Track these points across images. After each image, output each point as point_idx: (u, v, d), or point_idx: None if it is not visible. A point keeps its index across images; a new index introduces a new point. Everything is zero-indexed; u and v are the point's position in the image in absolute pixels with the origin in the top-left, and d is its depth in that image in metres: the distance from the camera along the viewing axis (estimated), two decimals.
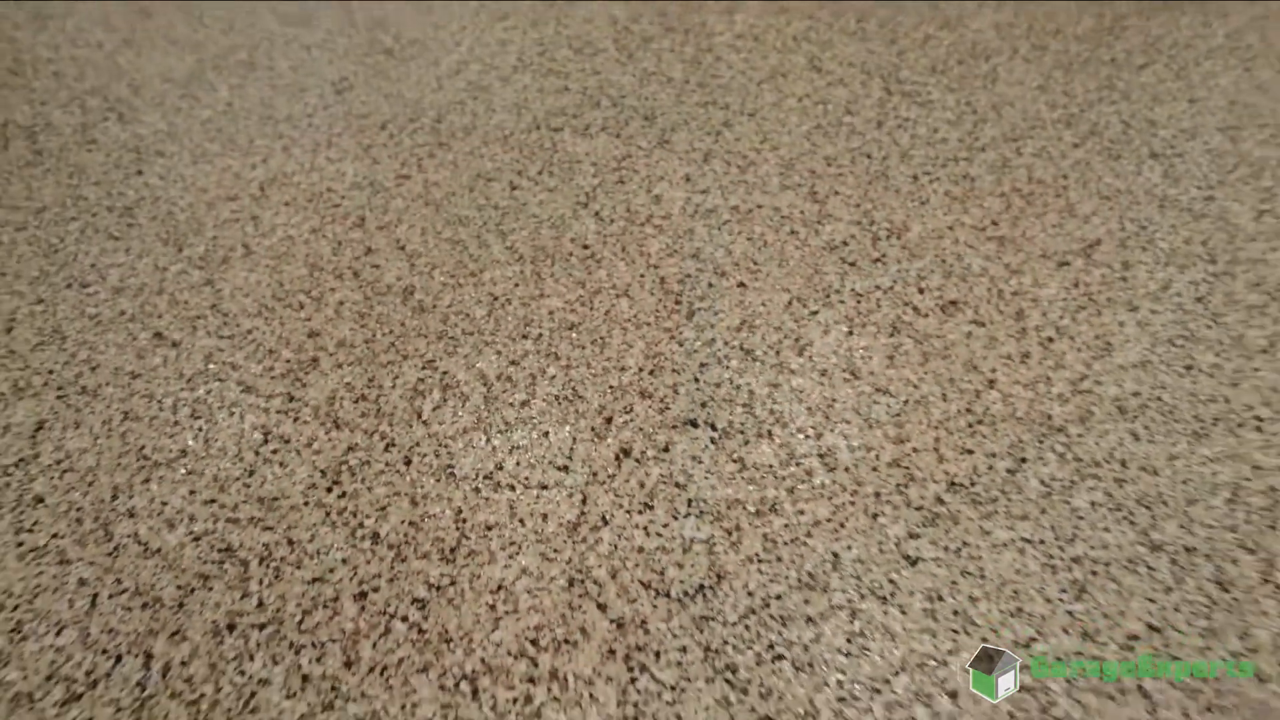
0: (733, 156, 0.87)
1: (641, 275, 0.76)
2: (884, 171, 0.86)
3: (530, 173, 0.85)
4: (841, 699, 0.51)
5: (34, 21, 1.11)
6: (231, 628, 0.54)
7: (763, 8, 1.07)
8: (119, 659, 0.53)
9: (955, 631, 0.54)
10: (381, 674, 0.52)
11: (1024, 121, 0.93)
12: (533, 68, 0.96)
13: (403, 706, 0.50)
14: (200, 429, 0.65)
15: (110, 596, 0.56)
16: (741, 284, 0.75)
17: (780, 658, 0.52)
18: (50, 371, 0.69)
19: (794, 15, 1.05)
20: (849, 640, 0.53)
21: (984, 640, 0.53)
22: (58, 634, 0.54)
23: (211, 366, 0.69)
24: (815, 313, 0.72)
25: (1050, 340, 0.71)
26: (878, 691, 0.51)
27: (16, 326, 0.73)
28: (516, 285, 0.75)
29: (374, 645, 0.53)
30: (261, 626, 0.54)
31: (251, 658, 0.53)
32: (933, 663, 0.52)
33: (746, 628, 0.54)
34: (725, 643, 0.53)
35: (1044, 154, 0.89)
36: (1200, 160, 0.89)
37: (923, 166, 0.87)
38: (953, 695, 0.51)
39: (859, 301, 0.73)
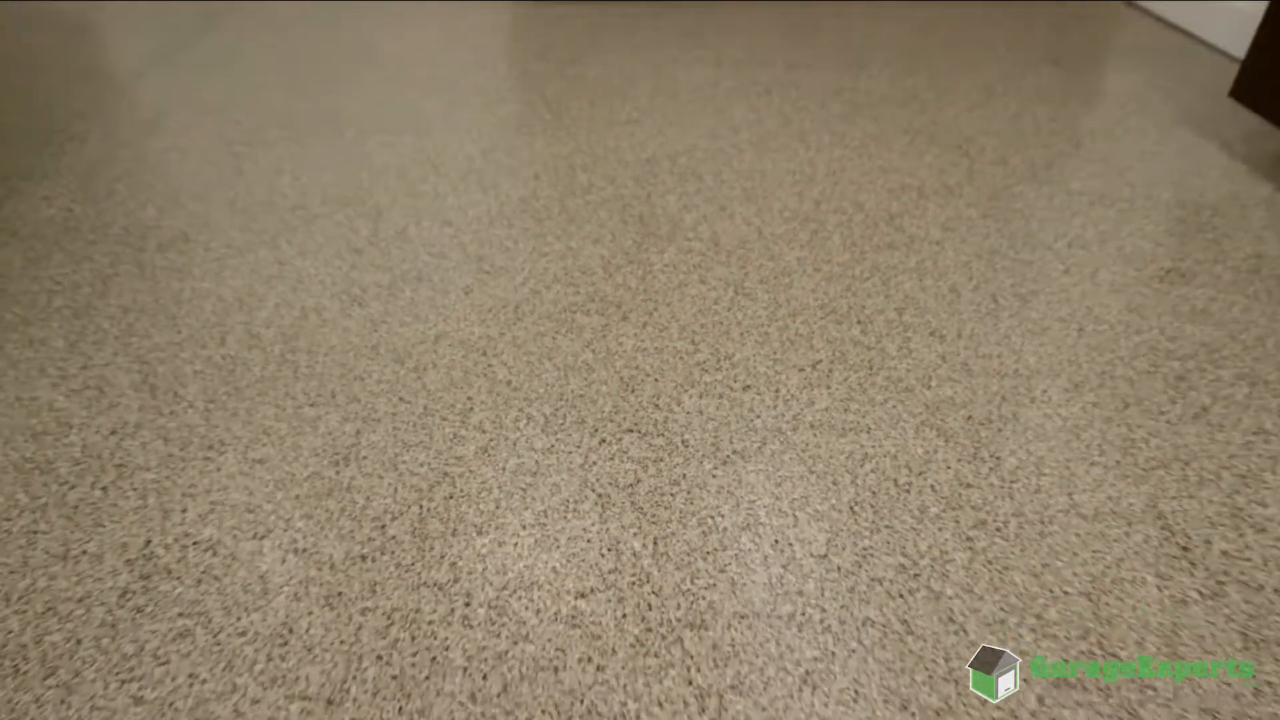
0: (656, 325, 1.85)
1: (613, 377, 1.70)
2: (727, 330, 1.84)
3: (560, 333, 1.82)
4: (684, 553, 1.38)
5: (264, 284, 2.13)
6: (423, 520, 1.43)
7: (678, 249, 2.09)
8: (389, 522, 1.41)
9: (719, 534, 1.42)
10: (500, 538, 1.40)
11: (800, 306, 1.92)
12: (560, 281, 1.97)
13: (519, 552, 1.38)
14: (414, 455, 1.56)
15: (375, 507, 1.45)
16: (655, 379, 1.70)
17: (655, 525, 1.41)
18: (349, 423, 1.62)
19: (693, 252, 2.07)
20: (682, 523, 1.42)
21: (725, 529, 1.42)
22: (388, 521, 1.42)
23: (423, 426, 1.62)
24: (686, 390, 1.67)
25: (785, 402, 1.64)
26: (697, 549, 1.39)
27: (322, 419, 1.66)
28: (554, 385, 1.70)
29: (506, 523, 1.42)
30: (443, 521, 1.43)
31: (452, 533, 1.41)
32: (713, 533, 1.41)
33: (650, 509, 1.42)
34: (637, 520, 1.42)
35: (807, 324, 1.87)
36: (880, 324, 1.87)
37: (745, 328, 1.84)
38: (722, 535, 1.39)
39: (706, 386, 1.68)
